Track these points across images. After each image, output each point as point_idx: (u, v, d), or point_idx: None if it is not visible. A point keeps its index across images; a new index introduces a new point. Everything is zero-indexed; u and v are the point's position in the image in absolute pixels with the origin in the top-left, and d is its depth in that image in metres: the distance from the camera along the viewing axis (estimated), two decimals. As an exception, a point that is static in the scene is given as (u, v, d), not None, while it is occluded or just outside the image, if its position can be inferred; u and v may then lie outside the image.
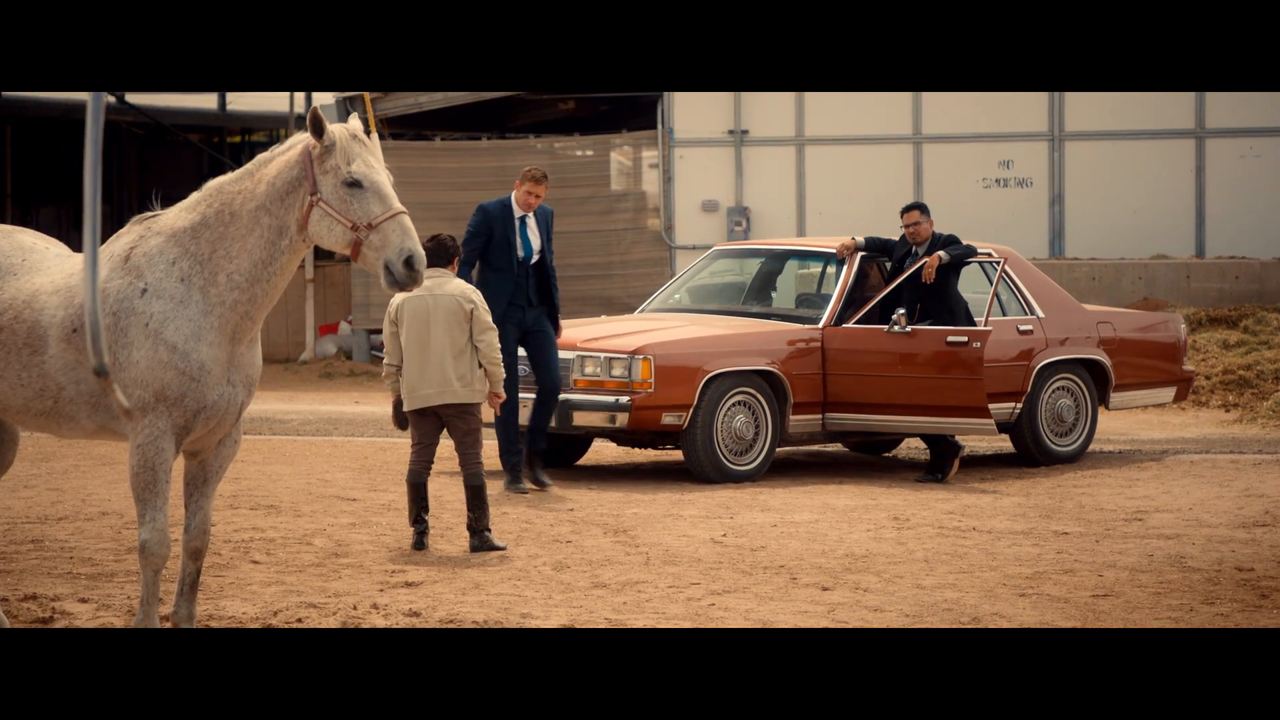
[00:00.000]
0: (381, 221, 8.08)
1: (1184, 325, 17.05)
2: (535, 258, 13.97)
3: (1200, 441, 17.32)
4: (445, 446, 12.18)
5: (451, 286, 11.73)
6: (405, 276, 8.03)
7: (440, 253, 11.78)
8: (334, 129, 8.17)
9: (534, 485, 13.87)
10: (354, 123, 8.30)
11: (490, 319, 11.74)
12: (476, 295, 11.74)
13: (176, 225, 8.21)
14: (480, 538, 11.49)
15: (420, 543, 11.55)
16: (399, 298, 11.63)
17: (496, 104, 26.88)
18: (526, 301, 13.90)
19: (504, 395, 11.88)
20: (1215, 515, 12.79)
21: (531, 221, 13.96)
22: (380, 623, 9.31)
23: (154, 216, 8.35)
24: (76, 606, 9.64)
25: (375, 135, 8.45)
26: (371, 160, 8.16)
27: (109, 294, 8.07)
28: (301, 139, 8.24)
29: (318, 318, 26.06)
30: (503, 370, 11.72)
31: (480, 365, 11.66)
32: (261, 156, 8.34)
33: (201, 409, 8.08)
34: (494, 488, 13.08)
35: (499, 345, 11.75)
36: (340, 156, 8.09)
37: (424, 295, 11.59)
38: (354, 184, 8.09)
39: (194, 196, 8.33)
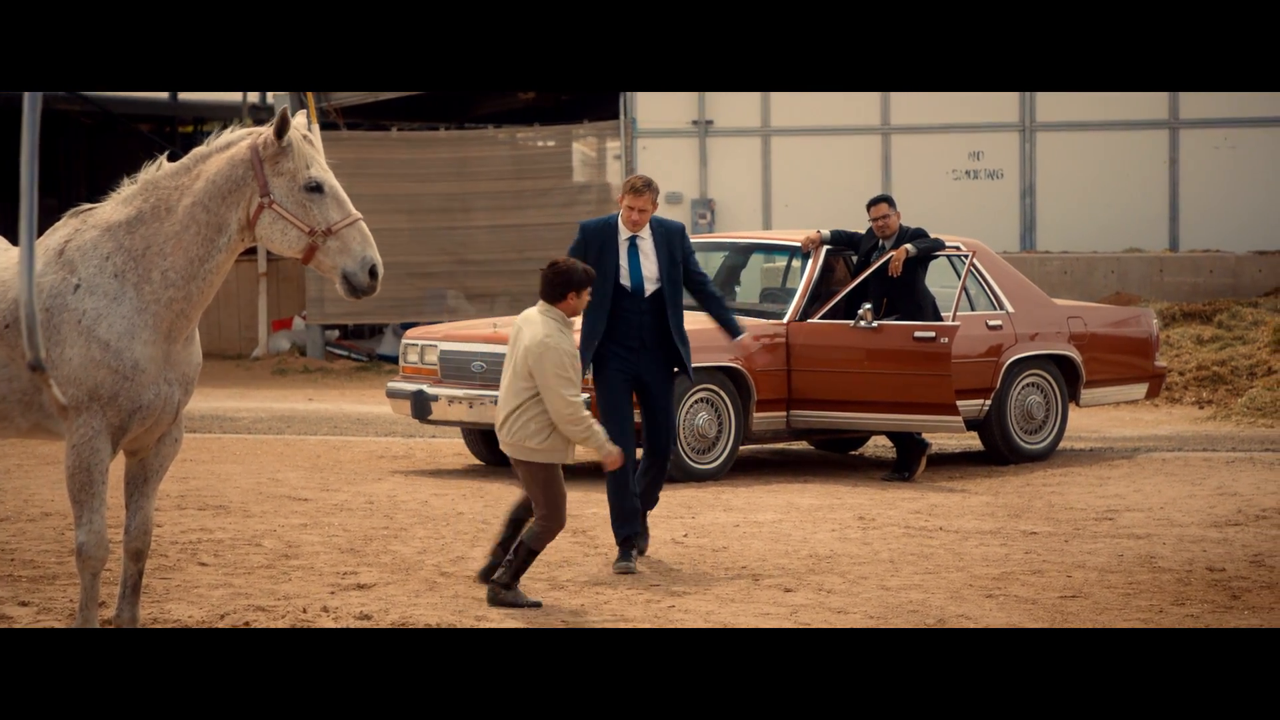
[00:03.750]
0: (341, 227, 8.07)
1: (1157, 320, 17.08)
2: (652, 288, 11.15)
3: (1173, 439, 17.34)
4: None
5: (538, 329, 9.72)
6: (368, 286, 8.04)
7: (550, 284, 9.77)
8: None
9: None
10: (300, 120, 8.15)
11: (559, 373, 9.59)
12: (547, 348, 9.62)
13: (112, 219, 8.14)
14: (497, 592, 9.76)
15: (486, 575, 10.05)
16: (522, 315, 9.98)
17: (455, 93, 26.73)
18: (639, 343, 11.11)
19: (615, 459, 9.88)
20: (1187, 514, 12.77)
21: (647, 244, 11.15)
22: (330, 626, 9.19)
23: (90, 210, 8.28)
24: (16, 610, 9.50)
25: (316, 127, 8.31)
26: (323, 162, 8.06)
27: (42, 289, 8.05)
28: (242, 136, 8.15)
29: (271, 312, 25.99)
30: (584, 431, 9.64)
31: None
32: (198, 151, 8.27)
33: (137, 409, 8.01)
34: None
35: (571, 403, 9.60)
36: (299, 160, 8.04)
37: (520, 326, 9.86)
38: (314, 188, 8.04)
39: (130, 189, 8.29)
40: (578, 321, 10.21)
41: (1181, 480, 14.39)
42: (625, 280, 11.13)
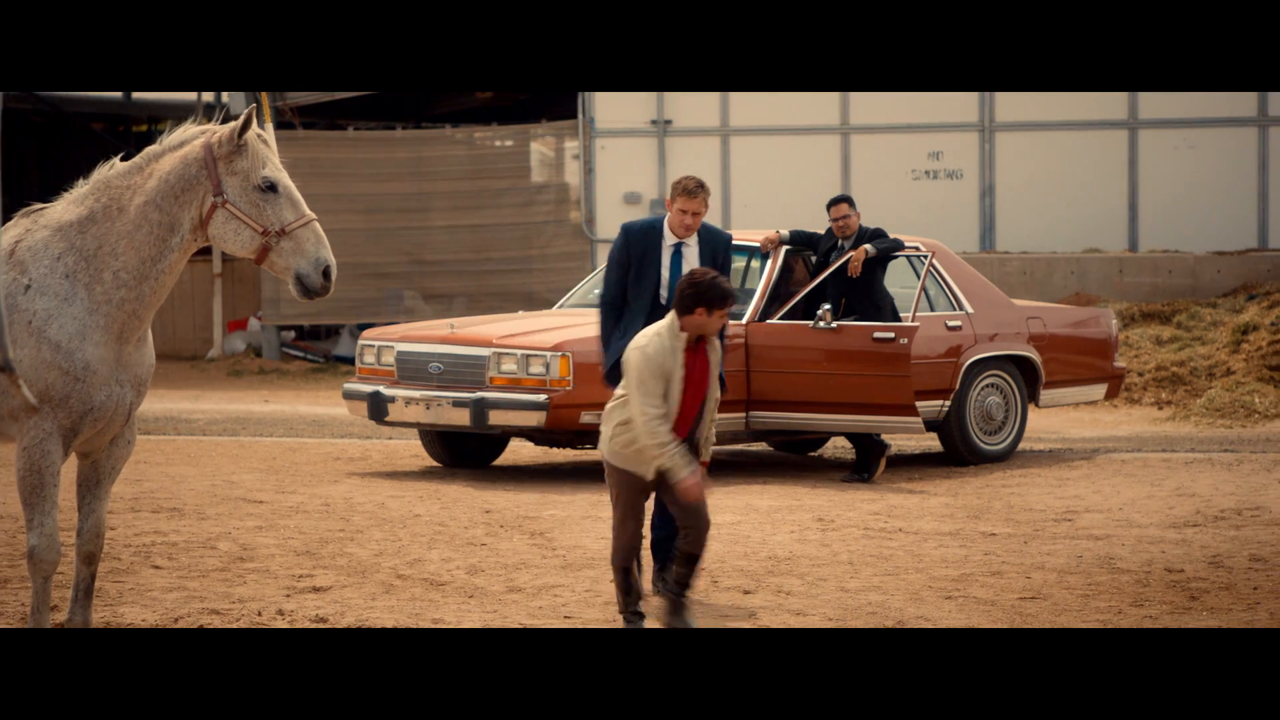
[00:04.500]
0: (295, 228, 7.98)
1: (1116, 321, 17.08)
2: None
3: (1132, 440, 17.32)
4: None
5: (641, 335, 9.07)
6: (321, 287, 7.95)
7: (680, 296, 8.85)
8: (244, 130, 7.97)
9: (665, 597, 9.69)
10: (251, 119, 8.06)
11: (639, 380, 8.83)
12: (634, 351, 8.88)
13: (64, 219, 8.07)
14: (671, 607, 9.16)
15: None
16: None
17: (412, 93, 26.65)
18: None
19: (693, 491, 8.84)
20: (1146, 515, 12.73)
21: (691, 251, 10.21)
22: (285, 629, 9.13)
23: (42, 209, 8.21)
24: (-34, 615, 9.42)
25: (270, 127, 8.24)
26: (277, 162, 7.97)
27: (-8, 289, 7.84)
28: (196, 135, 8.06)
29: (226, 313, 25.88)
30: (659, 449, 8.76)
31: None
32: (151, 150, 8.18)
33: (88, 411, 7.93)
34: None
35: (649, 414, 8.78)
36: (253, 159, 7.97)
37: None
38: (268, 188, 7.97)
39: (83, 189, 8.23)
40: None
41: (1140, 481, 14.37)
42: (664, 290, 10.15)
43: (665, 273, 10.16)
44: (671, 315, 8.87)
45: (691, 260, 10.16)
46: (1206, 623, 9.30)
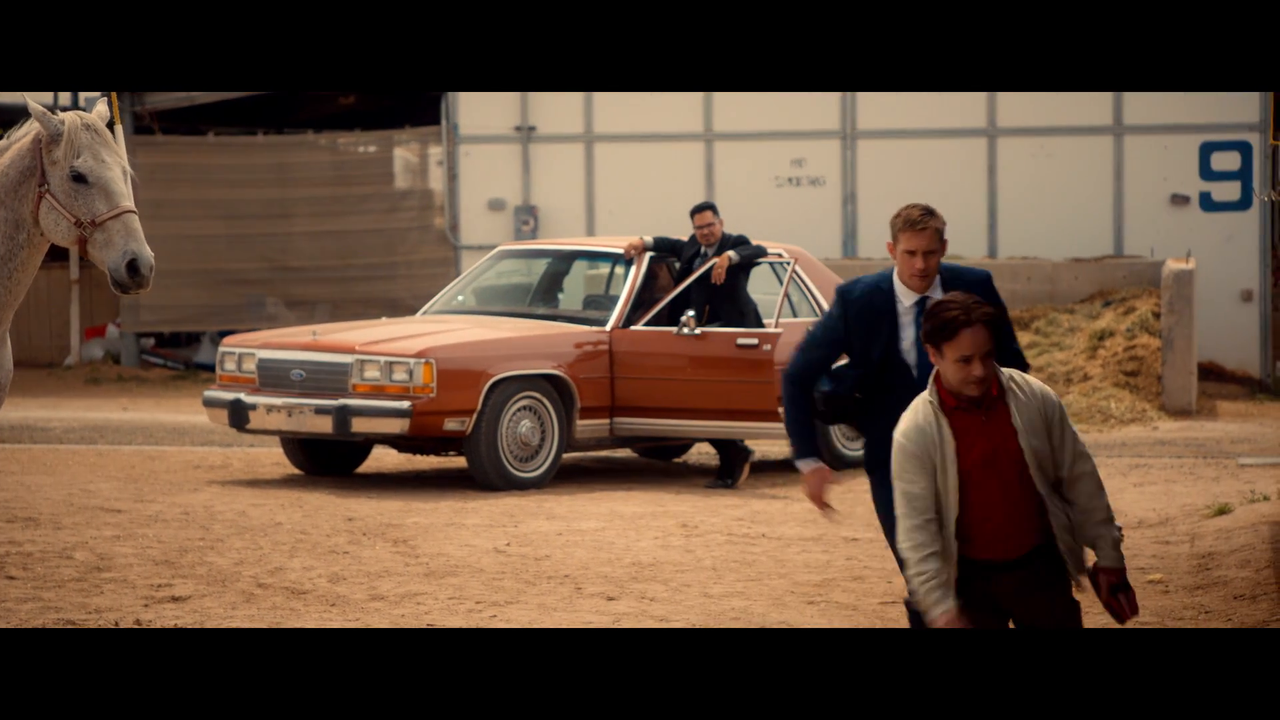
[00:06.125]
0: (106, 220, 7.82)
1: (975, 327, 17.13)
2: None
3: (991, 444, 17.36)
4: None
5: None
6: (129, 281, 7.77)
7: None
8: (65, 117, 7.85)
9: None
10: (100, 108, 7.94)
11: (894, 477, 6.67)
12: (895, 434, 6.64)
13: None
14: None
15: None
16: None
17: (274, 98, 26.48)
18: None
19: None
20: None
21: None
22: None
23: None
24: None
25: (120, 128, 8.10)
26: (104, 154, 7.84)
27: None
28: (35, 127, 7.88)
29: (84, 320, 25.56)
30: (911, 580, 6.72)
31: None
32: None
33: None
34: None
35: (905, 534, 6.59)
36: (66, 148, 7.82)
37: None
38: (78, 178, 7.82)
39: None
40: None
41: (1000, 486, 14.50)
42: (910, 361, 7.35)
43: (911, 348, 7.36)
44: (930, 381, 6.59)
45: None
46: (1065, 625, 9.42)
